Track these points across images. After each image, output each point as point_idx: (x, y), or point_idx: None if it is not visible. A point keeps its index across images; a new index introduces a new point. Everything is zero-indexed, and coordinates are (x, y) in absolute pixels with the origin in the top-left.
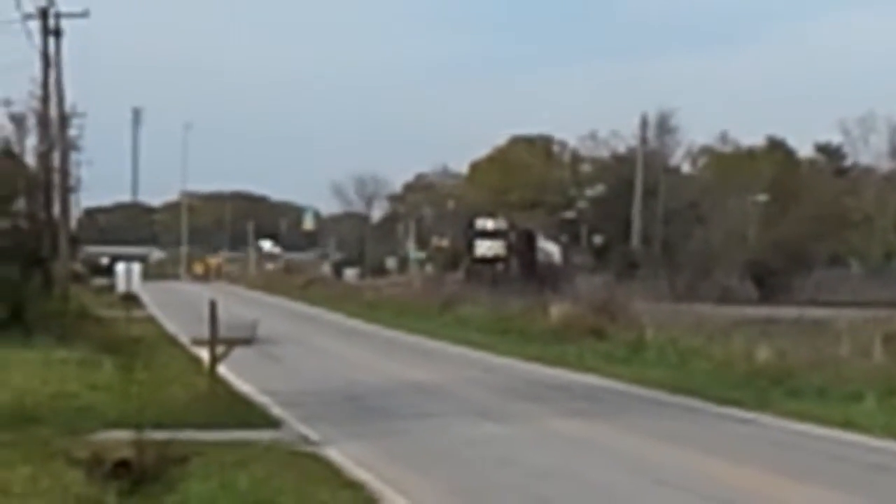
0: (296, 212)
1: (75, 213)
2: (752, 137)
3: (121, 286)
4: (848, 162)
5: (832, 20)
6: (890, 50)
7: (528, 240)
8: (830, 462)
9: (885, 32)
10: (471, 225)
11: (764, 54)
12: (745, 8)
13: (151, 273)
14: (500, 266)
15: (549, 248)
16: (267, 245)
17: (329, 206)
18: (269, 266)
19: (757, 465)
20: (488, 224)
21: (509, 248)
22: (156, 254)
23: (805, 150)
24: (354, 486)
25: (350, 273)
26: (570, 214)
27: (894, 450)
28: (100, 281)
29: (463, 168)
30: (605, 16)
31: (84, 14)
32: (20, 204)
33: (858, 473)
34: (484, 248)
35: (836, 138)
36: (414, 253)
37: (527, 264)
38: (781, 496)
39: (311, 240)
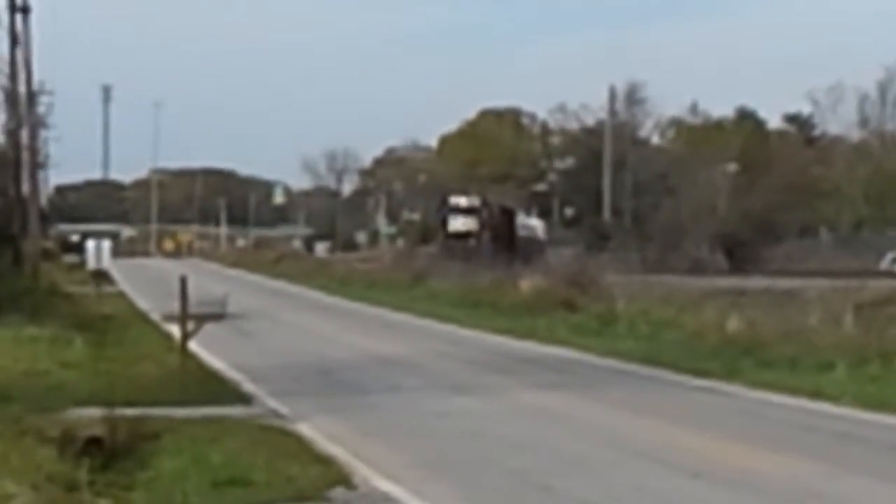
0: (265, 187)
1: (45, 191)
2: (721, 108)
3: (91, 263)
4: (817, 132)
5: None
6: (857, 20)
7: (508, 216)
8: (800, 431)
9: (852, 3)
10: (444, 202)
11: (733, 25)
12: None
13: (123, 250)
14: (472, 241)
15: (533, 224)
16: None
17: (299, 181)
18: (240, 242)
19: (727, 435)
20: (462, 201)
21: (482, 224)
22: (126, 231)
23: (774, 121)
24: (326, 461)
25: (321, 248)
26: (541, 187)
27: (863, 419)
28: (70, 258)
29: (433, 142)
30: None
31: None
32: None
33: (828, 442)
34: (458, 223)
35: (805, 108)
36: (385, 227)
37: (505, 240)
38: (751, 465)
39: (280, 215)
